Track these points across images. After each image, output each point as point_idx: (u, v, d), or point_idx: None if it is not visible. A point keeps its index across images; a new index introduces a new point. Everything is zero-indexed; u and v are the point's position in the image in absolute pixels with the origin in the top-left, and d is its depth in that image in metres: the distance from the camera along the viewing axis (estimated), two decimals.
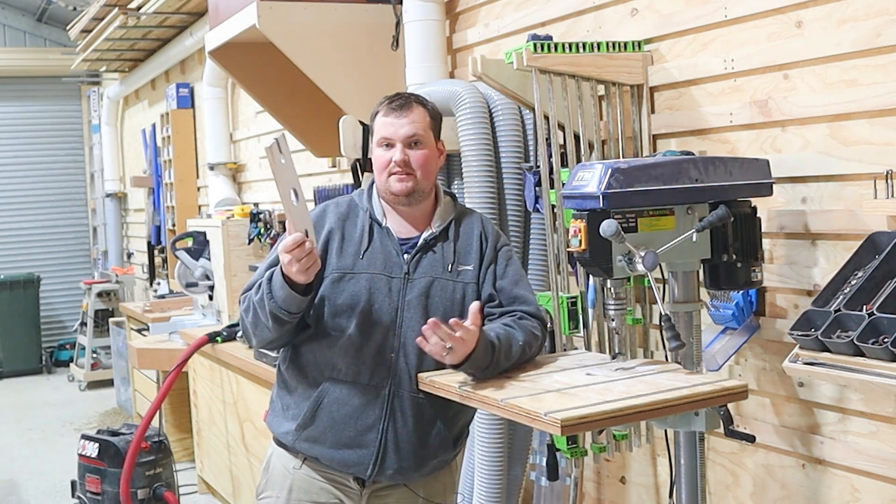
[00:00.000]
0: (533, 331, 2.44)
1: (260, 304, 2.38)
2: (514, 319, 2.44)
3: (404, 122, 2.44)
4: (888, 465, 2.44)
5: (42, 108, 11.08)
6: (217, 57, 4.71)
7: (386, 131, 2.45)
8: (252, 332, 2.47)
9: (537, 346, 2.46)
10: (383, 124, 2.47)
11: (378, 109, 2.51)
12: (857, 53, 2.44)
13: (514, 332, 2.39)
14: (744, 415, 2.84)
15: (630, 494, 3.38)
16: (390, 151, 2.45)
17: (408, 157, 2.43)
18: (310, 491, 2.50)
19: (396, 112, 2.45)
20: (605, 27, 3.24)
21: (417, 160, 2.44)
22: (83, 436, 4.95)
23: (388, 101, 2.50)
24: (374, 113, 2.51)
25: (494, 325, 2.41)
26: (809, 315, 2.31)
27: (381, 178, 2.48)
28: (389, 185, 2.46)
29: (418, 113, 2.47)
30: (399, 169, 2.43)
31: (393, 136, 2.44)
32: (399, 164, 2.43)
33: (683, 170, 2.39)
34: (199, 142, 7.75)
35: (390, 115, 2.46)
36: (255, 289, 2.42)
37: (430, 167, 2.48)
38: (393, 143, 2.45)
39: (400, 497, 2.53)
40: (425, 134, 2.47)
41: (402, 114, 2.45)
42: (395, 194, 2.46)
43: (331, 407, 2.45)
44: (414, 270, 2.46)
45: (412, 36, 3.97)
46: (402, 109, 2.46)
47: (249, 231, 5.59)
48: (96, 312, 9.19)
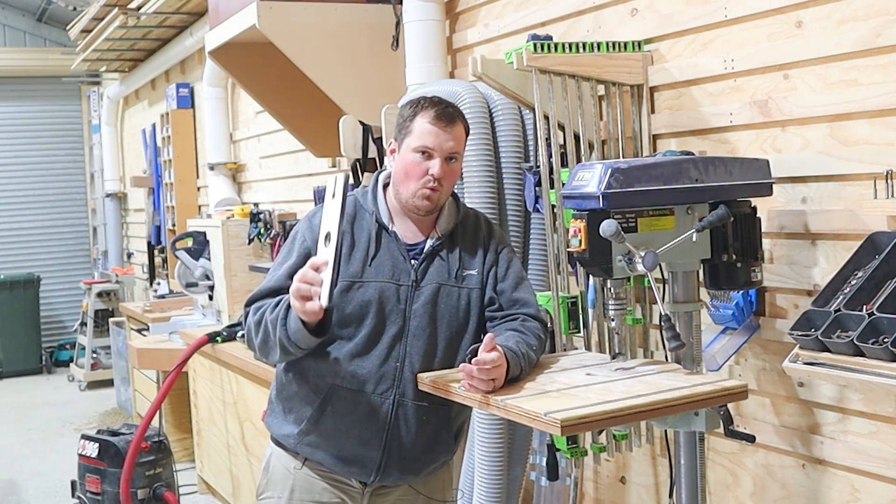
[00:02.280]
0: (538, 333, 2.44)
1: (273, 326, 2.31)
2: (520, 324, 2.43)
3: (450, 136, 2.38)
4: (888, 465, 2.44)
5: (42, 108, 11.08)
6: (217, 57, 4.71)
7: (429, 140, 2.37)
8: (259, 350, 2.40)
9: (542, 348, 2.46)
10: (427, 132, 2.38)
11: (419, 111, 2.41)
12: (857, 53, 2.43)
13: (528, 338, 2.38)
14: (744, 415, 2.84)
15: (630, 494, 3.38)
16: (428, 162, 2.38)
17: (444, 171, 2.39)
18: (312, 491, 2.50)
19: (444, 123, 2.38)
20: (605, 27, 3.24)
21: (448, 178, 2.41)
22: (83, 436, 4.95)
23: (432, 106, 2.41)
24: (413, 114, 2.41)
25: (506, 335, 2.38)
26: (809, 315, 2.30)
27: (409, 186, 2.40)
28: (416, 200, 2.40)
29: (460, 129, 2.42)
30: (435, 184, 2.38)
31: (437, 147, 2.37)
32: (437, 178, 2.38)
33: (683, 170, 2.39)
34: (199, 142, 7.75)
35: (437, 125, 2.37)
36: (271, 308, 2.34)
37: (452, 185, 2.46)
38: (433, 155, 2.38)
39: (401, 494, 2.53)
40: (462, 151, 2.44)
41: (448, 126, 2.38)
42: (419, 208, 2.42)
43: (335, 414, 2.42)
44: (422, 278, 2.43)
45: (412, 36, 3.97)
46: (450, 121, 2.39)
47: (249, 231, 5.59)
48: (96, 312, 9.19)
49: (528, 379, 2.33)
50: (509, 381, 2.25)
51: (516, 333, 2.38)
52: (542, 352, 2.49)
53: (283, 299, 2.31)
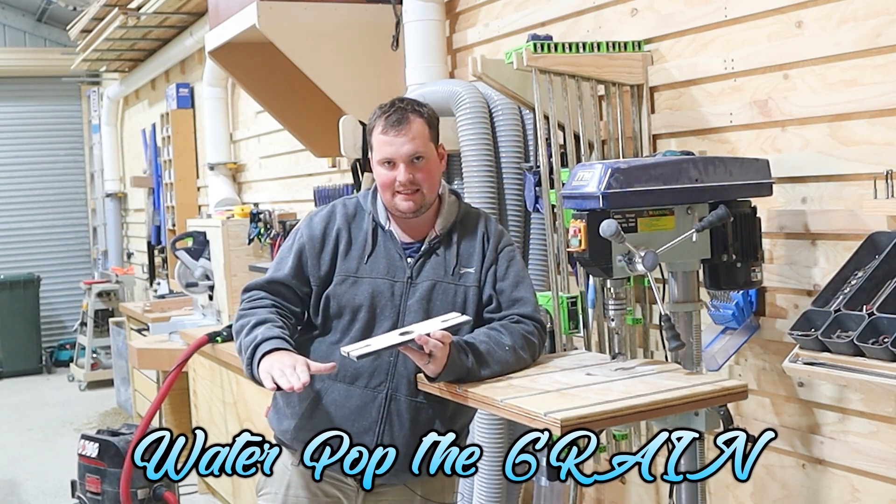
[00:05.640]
0: (525, 334, 2.42)
1: (239, 350, 2.44)
2: (504, 323, 2.43)
3: (404, 140, 2.39)
4: (888, 465, 2.44)
5: (42, 108, 11.08)
6: (217, 57, 4.71)
7: (386, 152, 2.40)
8: (237, 350, 2.50)
9: (532, 348, 2.44)
10: (382, 143, 2.41)
11: (374, 124, 2.44)
12: (857, 53, 2.44)
13: (500, 336, 2.38)
14: (744, 415, 2.84)
15: (630, 494, 3.38)
16: (393, 171, 2.40)
17: (412, 174, 2.39)
18: (308, 487, 2.51)
19: (395, 129, 2.39)
20: (605, 27, 3.24)
21: (422, 176, 2.41)
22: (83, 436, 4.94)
23: (383, 113, 2.42)
24: (371, 127, 2.45)
25: (479, 329, 2.40)
26: (809, 315, 2.31)
27: (387, 195, 2.45)
28: (396, 204, 2.44)
29: (416, 126, 2.41)
30: (405, 190, 2.40)
31: (394, 155, 2.39)
32: (405, 185, 2.40)
33: (683, 170, 2.39)
34: (199, 142, 7.75)
35: (389, 133, 2.39)
36: (247, 330, 2.43)
37: (433, 180, 2.46)
38: (395, 164, 2.40)
39: (397, 494, 2.53)
40: (426, 148, 2.42)
41: (400, 130, 2.38)
42: (402, 212, 2.44)
43: (328, 408, 2.46)
44: (417, 275, 2.45)
45: (412, 36, 3.97)
46: (401, 125, 2.39)
47: (249, 231, 5.59)
48: (96, 312, 9.19)
49: (528, 379, 2.32)
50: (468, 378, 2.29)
51: (490, 330, 2.40)
52: (537, 351, 2.48)
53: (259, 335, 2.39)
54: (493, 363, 2.33)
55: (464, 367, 2.29)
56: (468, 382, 2.30)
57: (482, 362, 2.32)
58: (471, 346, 2.31)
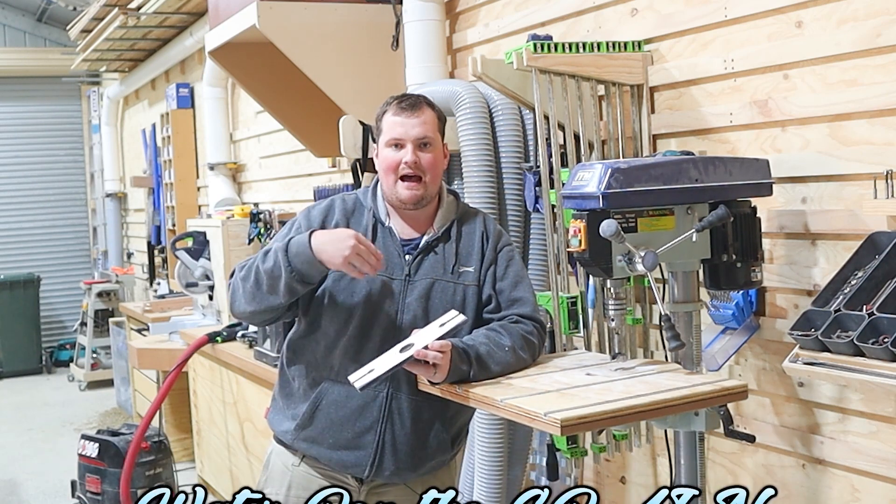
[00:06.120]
0: (525, 334, 2.42)
1: (268, 272, 2.34)
2: (504, 324, 2.43)
3: (415, 122, 2.41)
4: (888, 465, 2.44)
5: (42, 108, 11.08)
6: (217, 57, 4.71)
7: (396, 132, 2.42)
8: (245, 298, 2.42)
9: (532, 348, 2.44)
10: (393, 124, 2.43)
11: (386, 109, 2.47)
12: (857, 53, 2.44)
13: (499, 337, 2.38)
14: (744, 415, 2.84)
15: (630, 494, 3.38)
16: (401, 152, 2.41)
17: (418, 158, 2.41)
18: (308, 488, 2.50)
19: (407, 112, 2.42)
20: (605, 27, 3.24)
21: (427, 162, 2.42)
22: (83, 436, 4.95)
23: (396, 100, 2.46)
24: (381, 113, 2.47)
25: (478, 330, 2.40)
26: (809, 315, 2.31)
27: (389, 180, 2.44)
28: (398, 192, 2.43)
29: (428, 114, 2.44)
30: (410, 170, 2.40)
31: (404, 136, 2.41)
32: (410, 165, 2.40)
33: (683, 170, 2.39)
34: (199, 142, 7.75)
35: (401, 115, 2.42)
36: (262, 256, 2.38)
37: (437, 170, 2.46)
38: (403, 144, 2.41)
39: (398, 494, 2.53)
40: (434, 136, 2.45)
41: (412, 114, 2.42)
42: (403, 201, 2.44)
43: (329, 408, 2.45)
44: (415, 272, 2.45)
45: (412, 36, 3.97)
46: (413, 110, 2.42)
47: (249, 231, 5.59)
48: (96, 312, 9.19)
49: (528, 379, 2.32)
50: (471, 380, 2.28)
51: (489, 331, 2.39)
52: (537, 351, 2.48)
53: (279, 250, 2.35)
54: (494, 365, 2.33)
55: (465, 372, 2.29)
56: (469, 383, 2.30)
57: (482, 365, 2.31)
58: (471, 348, 2.31)
